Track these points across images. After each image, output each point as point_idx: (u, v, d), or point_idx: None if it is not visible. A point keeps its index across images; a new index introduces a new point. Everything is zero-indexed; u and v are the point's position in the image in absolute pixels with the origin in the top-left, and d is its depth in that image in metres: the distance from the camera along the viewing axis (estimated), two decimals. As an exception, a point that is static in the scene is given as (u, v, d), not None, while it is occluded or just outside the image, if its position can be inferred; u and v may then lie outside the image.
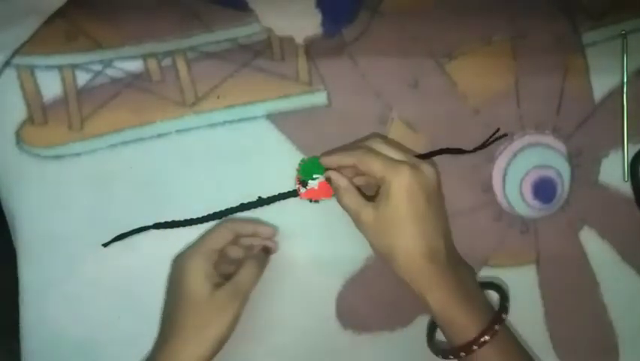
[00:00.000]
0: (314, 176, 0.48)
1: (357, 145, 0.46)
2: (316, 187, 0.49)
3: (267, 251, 0.48)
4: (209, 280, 0.43)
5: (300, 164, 0.50)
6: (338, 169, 0.46)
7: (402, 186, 0.42)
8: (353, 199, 0.45)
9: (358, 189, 0.46)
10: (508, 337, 0.43)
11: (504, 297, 0.46)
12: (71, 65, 0.48)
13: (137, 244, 0.48)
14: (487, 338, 0.41)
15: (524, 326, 0.51)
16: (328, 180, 0.47)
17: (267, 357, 0.50)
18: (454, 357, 0.43)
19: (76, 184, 0.48)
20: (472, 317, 0.42)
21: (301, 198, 0.49)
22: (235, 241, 0.47)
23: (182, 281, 0.44)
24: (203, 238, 0.47)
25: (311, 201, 0.50)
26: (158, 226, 0.48)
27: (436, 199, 0.43)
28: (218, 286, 0.43)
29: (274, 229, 0.49)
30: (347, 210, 0.45)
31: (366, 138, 0.47)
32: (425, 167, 0.43)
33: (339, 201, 0.46)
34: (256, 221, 0.49)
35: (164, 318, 0.47)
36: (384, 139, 0.47)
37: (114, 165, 0.48)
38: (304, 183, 0.49)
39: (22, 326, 0.48)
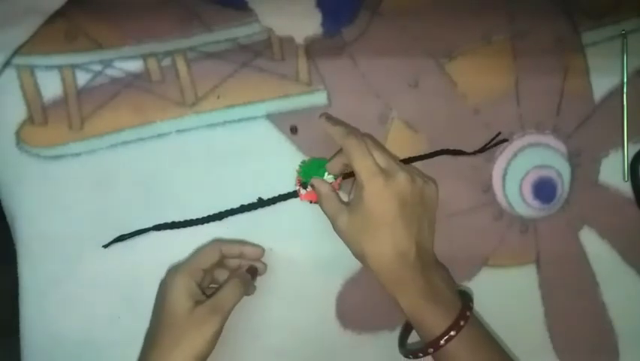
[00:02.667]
0: (314, 178, 0.48)
1: (351, 131, 0.46)
2: None
3: (253, 272, 0.48)
4: (192, 297, 0.44)
5: (300, 165, 0.50)
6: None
7: (373, 193, 0.43)
8: (331, 205, 0.46)
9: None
10: (477, 332, 0.44)
11: (467, 295, 0.47)
12: (71, 65, 0.48)
13: (137, 244, 0.48)
14: (452, 333, 0.42)
15: (524, 325, 0.51)
16: (312, 186, 0.48)
17: (267, 357, 0.50)
18: (423, 354, 0.44)
19: (76, 184, 0.48)
20: (441, 316, 0.43)
21: (302, 200, 0.49)
22: (221, 262, 0.47)
23: (165, 297, 0.44)
24: (190, 256, 0.48)
25: (311, 202, 0.50)
26: (158, 227, 0.48)
27: (411, 207, 0.44)
28: (199, 303, 0.44)
29: (261, 249, 0.49)
30: (327, 216, 0.46)
31: (360, 134, 0.47)
32: (401, 175, 0.44)
33: (321, 207, 0.47)
34: (243, 242, 0.49)
35: (147, 334, 0.48)
36: (375, 141, 0.47)
37: (114, 165, 0.48)
38: (304, 185, 0.49)
39: (22, 326, 0.48)
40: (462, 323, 0.42)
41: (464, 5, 0.52)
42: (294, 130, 0.49)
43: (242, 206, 0.49)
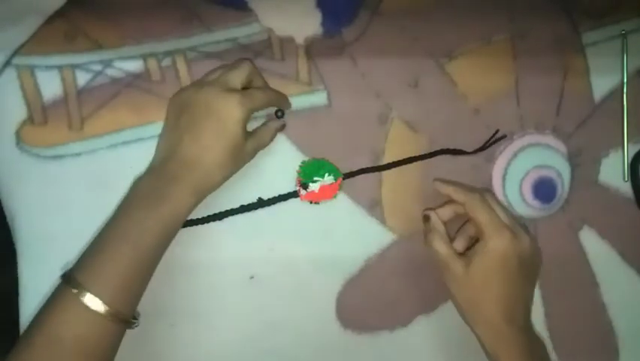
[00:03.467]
0: (314, 178, 0.48)
1: (471, 188, 0.47)
2: (317, 190, 0.49)
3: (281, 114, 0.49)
4: (244, 123, 0.44)
5: (300, 166, 0.50)
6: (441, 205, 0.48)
7: (499, 248, 0.44)
8: (445, 248, 0.45)
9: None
10: None
11: None
12: (71, 65, 0.48)
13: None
14: None
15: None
16: (426, 218, 0.47)
17: (267, 357, 0.50)
18: None
19: (76, 184, 0.48)
20: None
21: (302, 200, 0.49)
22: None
23: (223, 112, 0.43)
24: (219, 76, 0.46)
25: (311, 202, 0.49)
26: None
27: (527, 268, 0.45)
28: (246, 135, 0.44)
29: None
30: (435, 255, 0.46)
31: (480, 190, 0.47)
32: (523, 235, 0.45)
33: (429, 244, 0.46)
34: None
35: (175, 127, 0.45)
36: (495, 197, 0.48)
37: (114, 165, 0.48)
38: (305, 186, 0.49)
39: (22, 326, 0.48)
40: None
41: (464, 5, 0.52)
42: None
43: (242, 206, 0.49)
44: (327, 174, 0.49)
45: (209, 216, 0.49)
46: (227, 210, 0.49)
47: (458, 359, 0.51)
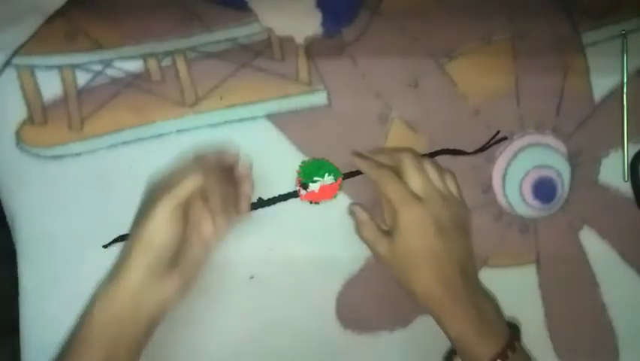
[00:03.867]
0: (314, 178, 0.48)
1: (391, 152, 0.47)
2: (317, 190, 0.49)
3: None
4: (176, 224, 0.41)
5: (300, 166, 0.49)
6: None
7: (411, 220, 0.43)
8: (370, 233, 0.46)
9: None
10: None
11: (515, 327, 0.46)
12: (71, 65, 0.48)
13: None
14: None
15: (524, 326, 0.51)
16: (352, 213, 0.48)
17: (267, 357, 0.50)
18: None
19: (76, 184, 0.48)
20: (488, 345, 0.42)
21: (302, 200, 0.49)
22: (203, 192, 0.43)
23: (146, 221, 0.41)
24: (172, 180, 0.42)
25: (311, 202, 0.49)
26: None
27: (449, 230, 0.44)
28: (178, 237, 0.42)
29: (246, 165, 0.46)
30: (366, 243, 0.47)
31: (402, 149, 0.47)
32: (435, 199, 0.44)
33: (359, 234, 0.47)
34: (219, 152, 0.45)
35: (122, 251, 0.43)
36: (416, 157, 0.46)
37: (114, 165, 0.48)
38: (305, 186, 0.49)
39: (22, 326, 0.48)
40: (509, 353, 0.42)
41: (464, 5, 0.52)
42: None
43: None
44: (327, 174, 0.48)
45: None
46: None
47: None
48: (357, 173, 0.50)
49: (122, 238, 0.48)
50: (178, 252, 0.42)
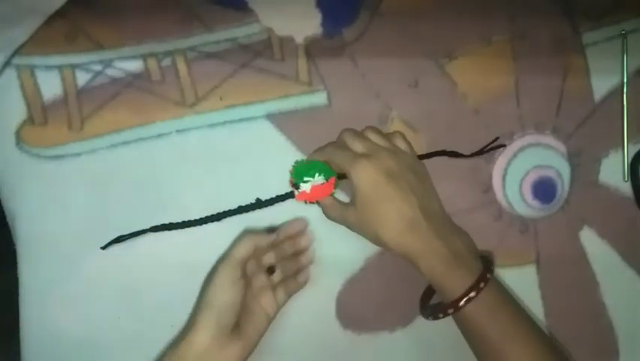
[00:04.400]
0: (305, 179, 0.48)
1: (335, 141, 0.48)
2: (308, 190, 0.48)
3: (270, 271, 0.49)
4: (234, 285, 0.45)
5: (293, 166, 0.49)
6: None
7: (361, 177, 0.44)
8: (335, 210, 0.47)
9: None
10: (498, 295, 0.44)
11: (488, 260, 0.46)
12: (71, 65, 0.48)
13: (137, 244, 0.48)
14: (472, 294, 0.42)
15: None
16: (318, 203, 0.49)
17: (267, 357, 0.49)
18: (443, 315, 0.44)
19: (76, 184, 0.48)
20: (461, 278, 0.43)
21: (298, 200, 0.49)
22: (257, 254, 0.47)
23: (209, 285, 0.45)
24: (229, 248, 0.48)
25: (306, 202, 0.49)
26: (155, 228, 0.48)
27: (401, 177, 0.45)
28: (241, 290, 0.45)
29: (301, 223, 0.50)
30: (337, 222, 0.47)
31: (340, 134, 0.48)
32: (381, 151, 0.45)
33: (328, 217, 0.48)
34: (273, 229, 0.49)
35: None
36: (353, 131, 0.48)
37: (114, 165, 0.48)
38: (296, 186, 0.48)
39: (22, 326, 0.48)
40: (482, 285, 0.43)
41: (464, 6, 0.52)
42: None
43: (239, 207, 0.49)
44: (317, 174, 0.48)
45: (207, 217, 0.49)
46: (225, 211, 0.49)
47: (458, 359, 0.51)
48: None
49: (119, 239, 0.48)
50: (241, 318, 0.45)
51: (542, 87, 0.52)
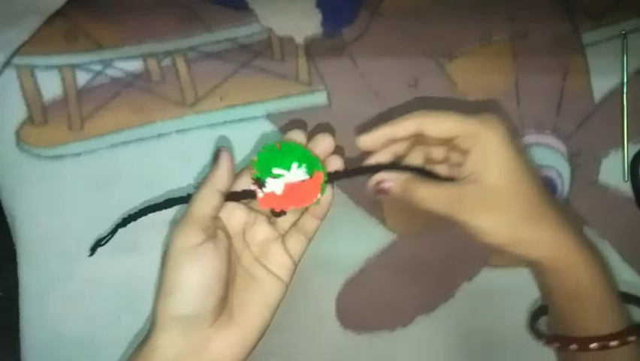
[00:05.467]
0: (274, 172, 0.34)
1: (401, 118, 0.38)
2: (279, 190, 0.34)
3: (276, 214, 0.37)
4: (201, 256, 0.34)
5: (258, 153, 0.35)
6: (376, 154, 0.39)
7: (497, 139, 0.35)
8: (430, 189, 0.36)
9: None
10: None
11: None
12: (71, 65, 0.48)
13: (137, 244, 0.48)
14: (614, 343, 0.36)
15: (524, 325, 0.51)
16: (379, 186, 0.37)
17: (266, 357, 0.50)
18: (562, 347, 0.38)
19: (76, 184, 0.48)
20: (608, 316, 0.36)
21: (260, 206, 0.36)
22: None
23: (164, 265, 0.35)
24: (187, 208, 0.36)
25: (274, 213, 0.36)
26: (124, 221, 0.40)
27: (518, 149, 0.36)
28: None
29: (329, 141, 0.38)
30: (429, 206, 0.37)
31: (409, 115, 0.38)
32: (488, 115, 0.36)
33: (414, 201, 0.37)
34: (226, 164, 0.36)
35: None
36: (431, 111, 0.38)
37: (114, 165, 0.48)
38: (261, 183, 0.35)
39: (22, 325, 0.48)
40: (631, 338, 0.35)
41: (464, 6, 0.52)
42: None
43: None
44: (296, 165, 0.33)
45: (176, 198, 0.46)
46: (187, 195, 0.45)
47: (458, 359, 0.51)
48: (350, 173, 0.39)
49: (98, 244, 0.42)
50: (232, 295, 0.35)
51: (542, 87, 0.52)
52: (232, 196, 0.36)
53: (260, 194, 0.35)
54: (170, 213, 0.48)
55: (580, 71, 0.52)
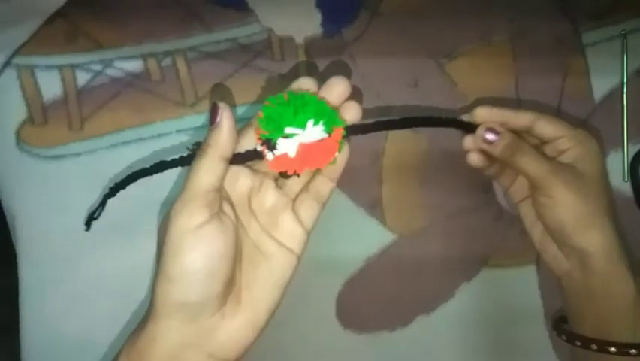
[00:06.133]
0: (287, 131, 0.29)
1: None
2: (293, 152, 0.30)
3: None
4: (207, 236, 0.31)
5: (263, 106, 0.31)
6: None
7: (598, 148, 0.40)
8: (536, 154, 0.37)
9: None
10: None
11: None
12: (71, 65, 0.48)
13: (137, 243, 0.48)
14: (635, 352, 0.36)
15: (524, 326, 0.51)
16: (487, 134, 0.37)
17: (266, 357, 0.49)
18: (582, 346, 0.39)
19: (76, 184, 0.48)
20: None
21: (270, 168, 0.32)
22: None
23: (162, 247, 0.32)
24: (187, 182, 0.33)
25: (283, 175, 0.32)
26: (113, 190, 0.38)
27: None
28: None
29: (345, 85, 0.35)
30: (526, 167, 0.37)
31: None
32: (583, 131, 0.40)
33: (515, 159, 0.37)
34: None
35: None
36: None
37: (114, 165, 0.48)
38: (271, 145, 0.30)
39: (22, 325, 0.48)
40: None
41: (464, 6, 0.52)
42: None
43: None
44: (312, 122, 0.29)
45: (183, 157, 0.45)
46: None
47: (459, 359, 0.51)
48: (372, 126, 0.36)
49: (92, 216, 0.40)
50: (239, 275, 0.33)
51: (542, 87, 0.52)
52: (235, 159, 0.32)
53: (270, 156, 0.30)
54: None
55: (580, 71, 0.52)
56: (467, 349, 0.46)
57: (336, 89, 0.34)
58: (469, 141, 0.40)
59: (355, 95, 0.34)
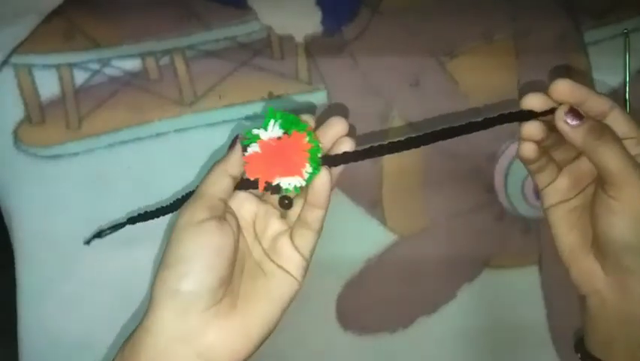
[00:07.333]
0: (253, 132, 0.34)
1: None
2: (256, 148, 0.34)
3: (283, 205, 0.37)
4: (213, 236, 0.34)
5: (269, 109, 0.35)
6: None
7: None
8: (621, 145, 0.34)
9: None
10: None
11: None
12: (69, 64, 0.48)
13: (137, 244, 0.48)
14: None
15: (526, 327, 0.51)
16: (571, 114, 0.34)
17: (266, 358, 0.49)
18: None
19: (74, 184, 0.48)
20: None
21: (248, 176, 0.35)
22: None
23: (171, 242, 0.34)
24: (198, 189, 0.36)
25: (282, 204, 0.36)
26: (133, 220, 0.40)
27: None
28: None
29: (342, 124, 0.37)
30: (606, 155, 0.34)
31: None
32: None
33: (596, 145, 0.34)
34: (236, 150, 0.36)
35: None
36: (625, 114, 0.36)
37: (112, 164, 0.48)
38: (245, 149, 0.35)
39: (21, 326, 0.48)
40: None
41: (466, 4, 0.51)
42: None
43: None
44: (272, 122, 0.33)
45: (183, 196, 0.46)
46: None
47: (459, 360, 0.51)
48: (350, 156, 0.38)
49: (99, 235, 0.41)
50: (240, 281, 0.35)
51: (544, 86, 0.52)
52: (242, 185, 0.36)
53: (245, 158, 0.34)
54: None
55: (582, 69, 0.52)
56: (468, 350, 0.46)
57: (334, 129, 0.38)
58: (530, 129, 0.36)
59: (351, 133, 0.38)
